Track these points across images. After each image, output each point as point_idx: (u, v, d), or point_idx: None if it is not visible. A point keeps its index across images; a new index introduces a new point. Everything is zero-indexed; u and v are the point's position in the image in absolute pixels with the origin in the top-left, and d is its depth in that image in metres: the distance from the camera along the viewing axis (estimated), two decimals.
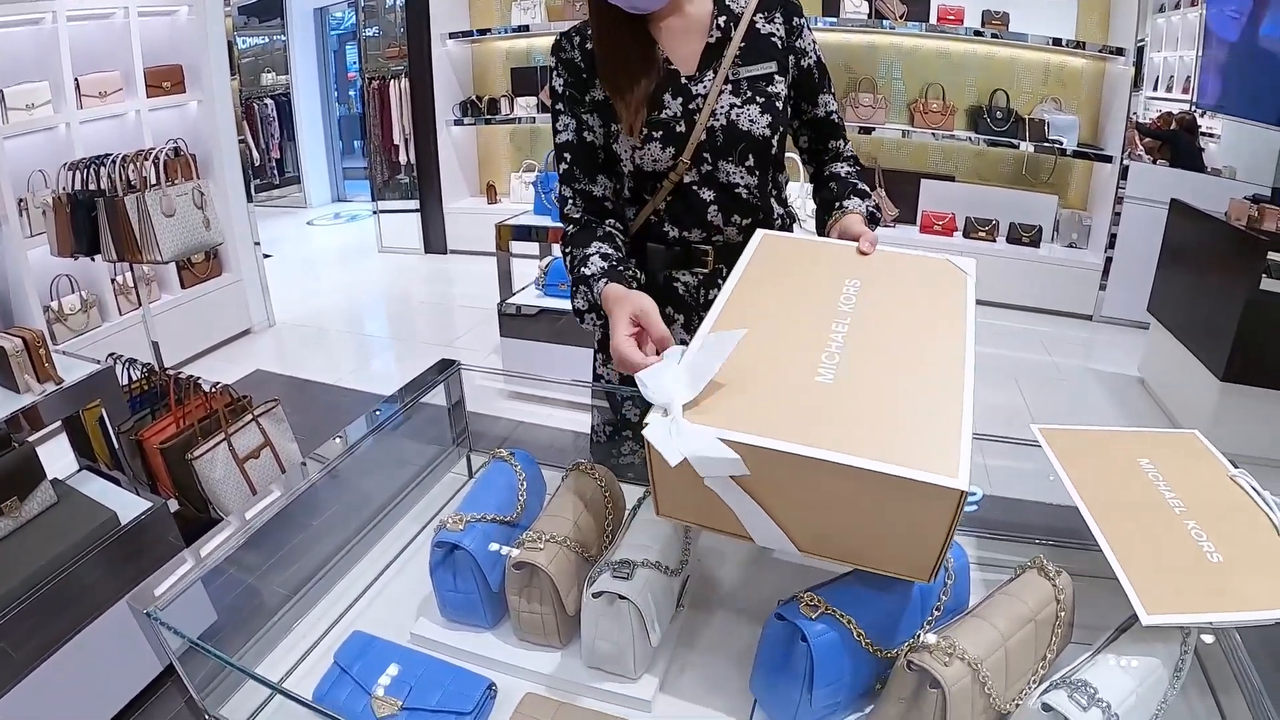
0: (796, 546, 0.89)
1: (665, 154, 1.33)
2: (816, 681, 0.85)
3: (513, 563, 0.99)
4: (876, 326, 1.01)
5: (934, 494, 0.77)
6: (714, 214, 1.37)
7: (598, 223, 1.38)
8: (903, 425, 0.85)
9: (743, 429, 0.82)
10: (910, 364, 0.95)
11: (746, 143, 1.33)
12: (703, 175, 1.35)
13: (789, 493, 0.84)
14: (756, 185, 1.38)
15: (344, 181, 8.59)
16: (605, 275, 1.23)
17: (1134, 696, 0.82)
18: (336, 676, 0.97)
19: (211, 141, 4.44)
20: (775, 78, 1.34)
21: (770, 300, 1.07)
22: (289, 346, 4.68)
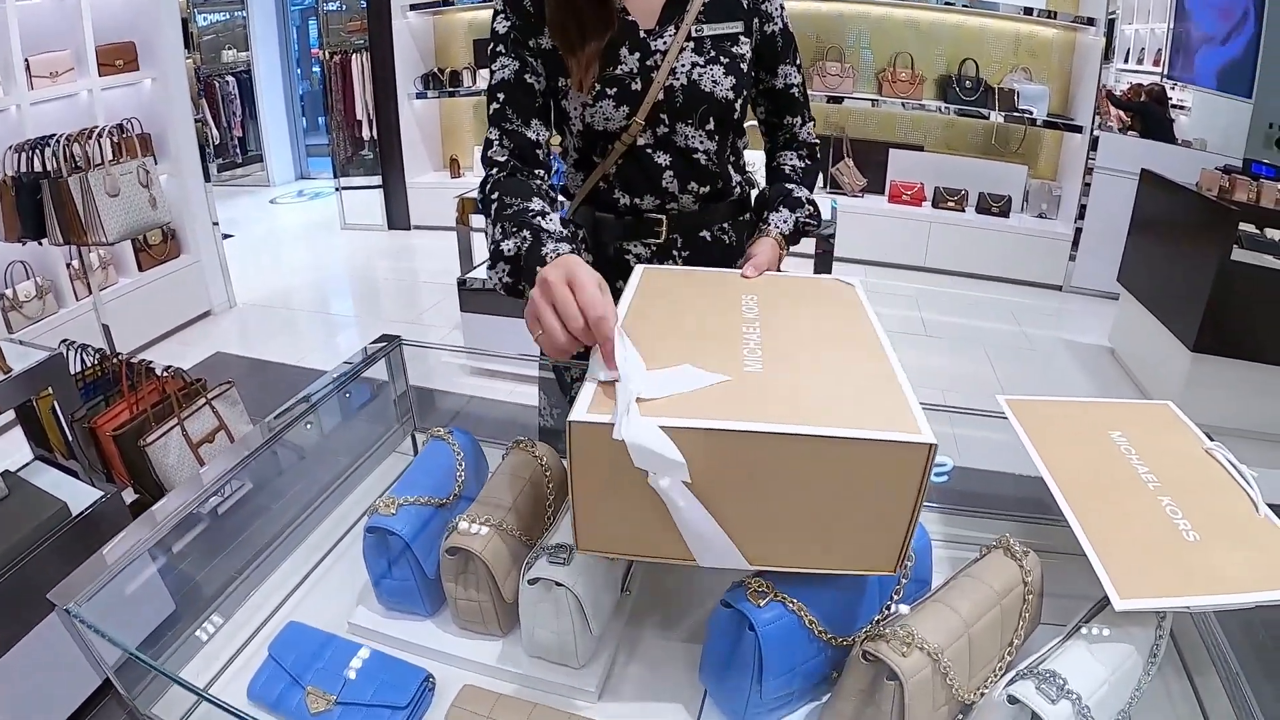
0: (746, 559, 0.80)
1: (619, 113, 1.22)
2: (766, 673, 0.79)
3: (446, 548, 0.93)
4: (787, 326, 0.96)
5: (901, 455, 0.72)
6: (669, 180, 1.27)
7: (527, 172, 1.24)
8: (849, 398, 0.79)
9: (690, 416, 0.74)
10: (833, 352, 0.90)
11: (708, 105, 1.24)
12: (658, 138, 1.25)
13: (740, 488, 0.76)
14: (715, 151, 1.28)
15: (307, 159, 8.43)
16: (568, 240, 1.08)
17: (1106, 686, 0.76)
18: (271, 670, 0.92)
19: (167, 120, 4.30)
20: (740, 39, 1.25)
21: (669, 319, 0.98)
22: (250, 328, 4.57)
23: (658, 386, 0.78)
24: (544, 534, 0.95)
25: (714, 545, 0.79)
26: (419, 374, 1.48)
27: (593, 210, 1.34)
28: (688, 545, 0.79)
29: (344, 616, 1.03)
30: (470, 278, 3.65)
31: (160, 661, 0.95)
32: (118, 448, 2.48)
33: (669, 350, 0.85)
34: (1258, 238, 3.29)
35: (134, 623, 0.96)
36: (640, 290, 1.05)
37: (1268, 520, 0.91)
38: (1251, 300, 3.16)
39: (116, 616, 0.92)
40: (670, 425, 0.72)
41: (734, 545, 0.78)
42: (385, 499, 0.99)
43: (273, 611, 1.08)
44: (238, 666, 0.99)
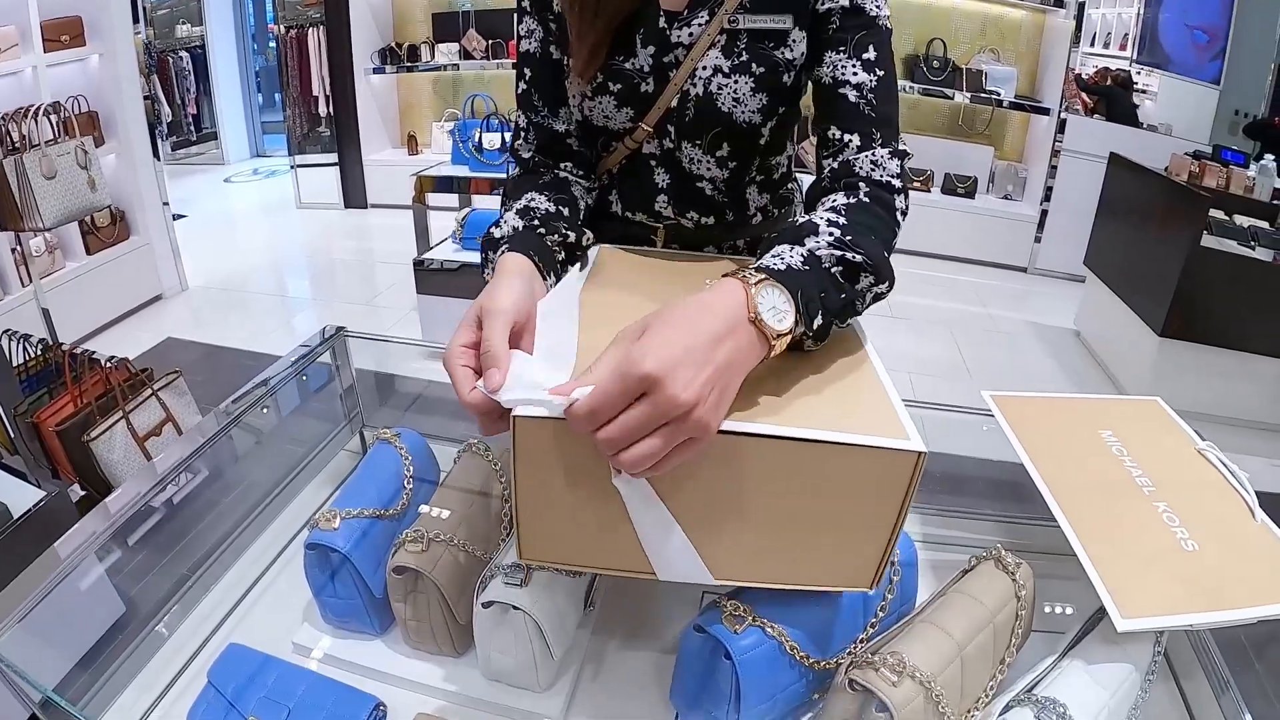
0: (710, 573, 0.72)
1: (620, 114, 0.99)
2: (744, 703, 0.73)
3: (393, 567, 0.85)
4: None
5: (888, 463, 0.65)
6: (663, 204, 1.05)
7: (549, 167, 1.05)
8: (829, 399, 0.72)
9: None
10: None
11: (722, 129, 0.97)
12: (663, 152, 1.01)
13: (708, 496, 0.69)
14: (726, 180, 1.03)
15: (263, 136, 8.21)
16: (509, 240, 0.91)
17: (1105, 711, 0.73)
18: (211, 698, 0.84)
19: (116, 97, 4.11)
20: (790, 37, 0.93)
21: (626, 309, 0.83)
22: (203, 312, 4.41)
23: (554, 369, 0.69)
24: (499, 549, 0.88)
25: (677, 558, 0.71)
26: (370, 360, 1.39)
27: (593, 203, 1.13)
28: (647, 556, 0.72)
29: (288, 635, 0.95)
30: (428, 258, 3.52)
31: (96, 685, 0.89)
32: (61, 443, 2.39)
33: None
34: (1227, 224, 3.30)
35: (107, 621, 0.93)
36: (594, 277, 0.93)
37: (1265, 527, 0.88)
38: (1220, 286, 3.16)
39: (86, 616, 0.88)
40: None
41: (699, 558, 0.71)
42: (326, 512, 0.91)
43: (213, 630, 1.00)
44: (178, 690, 0.91)
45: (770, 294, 0.68)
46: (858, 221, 0.81)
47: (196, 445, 1.07)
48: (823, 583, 0.74)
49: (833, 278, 0.76)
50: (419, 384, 1.46)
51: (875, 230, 0.82)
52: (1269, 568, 0.83)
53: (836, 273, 0.76)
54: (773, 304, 0.68)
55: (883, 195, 0.86)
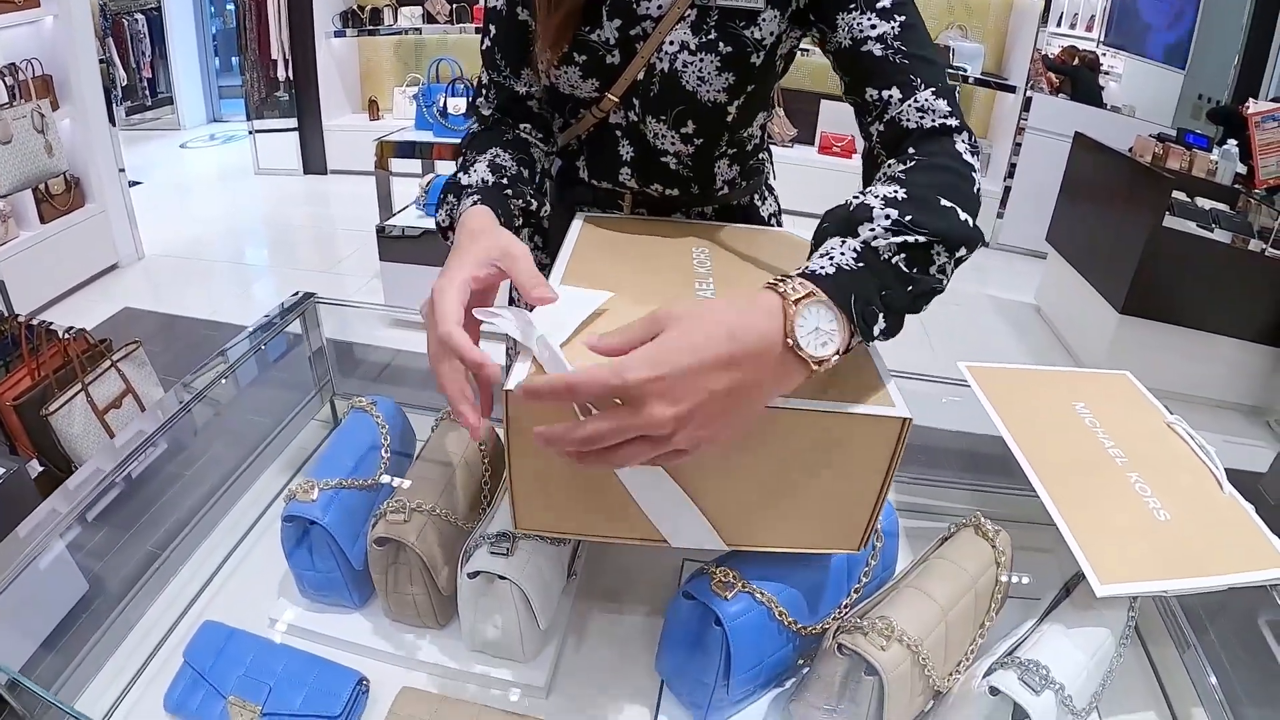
0: (721, 539, 0.73)
1: (586, 84, 0.96)
2: (734, 669, 0.73)
3: (374, 538, 0.84)
4: (742, 283, 0.85)
5: (875, 429, 0.66)
6: (627, 176, 1.03)
7: (509, 125, 1.03)
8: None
9: None
10: None
11: (686, 107, 0.94)
12: (629, 124, 0.99)
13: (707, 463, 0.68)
14: (693, 156, 1.00)
15: (220, 101, 7.99)
16: (480, 191, 0.88)
17: (1085, 672, 0.75)
18: (189, 678, 0.82)
19: (70, 61, 3.95)
20: (760, 16, 0.89)
21: (613, 272, 0.86)
22: (160, 281, 4.30)
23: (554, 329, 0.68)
24: (482, 518, 0.87)
25: (686, 525, 0.72)
26: (337, 329, 1.36)
27: (560, 165, 1.12)
28: (654, 524, 0.72)
29: (263, 610, 0.93)
30: (390, 225, 3.47)
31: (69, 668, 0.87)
32: (19, 418, 2.33)
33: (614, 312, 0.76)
34: (1188, 205, 3.36)
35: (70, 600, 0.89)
36: (579, 245, 0.93)
37: (1233, 499, 0.90)
38: (1180, 266, 3.21)
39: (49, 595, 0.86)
40: None
41: (707, 523, 0.72)
42: (303, 483, 0.89)
43: (186, 607, 0.97)
44: (153, 672, 0.89)
45: (814, 313, 0.61)
46: (919, 188, 0.71)
47: (160, 421, 1.04)
48: (816, 546, 0.75)
49: (895, 270, 0.67)
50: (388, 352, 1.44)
51: (944, 190, 0.72)
52: (1238, 537, 0.85)
53: (900, 262, 0.67)
54: (815, 325, 0.61)
55: (943, 143, 0.78)
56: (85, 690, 0.86)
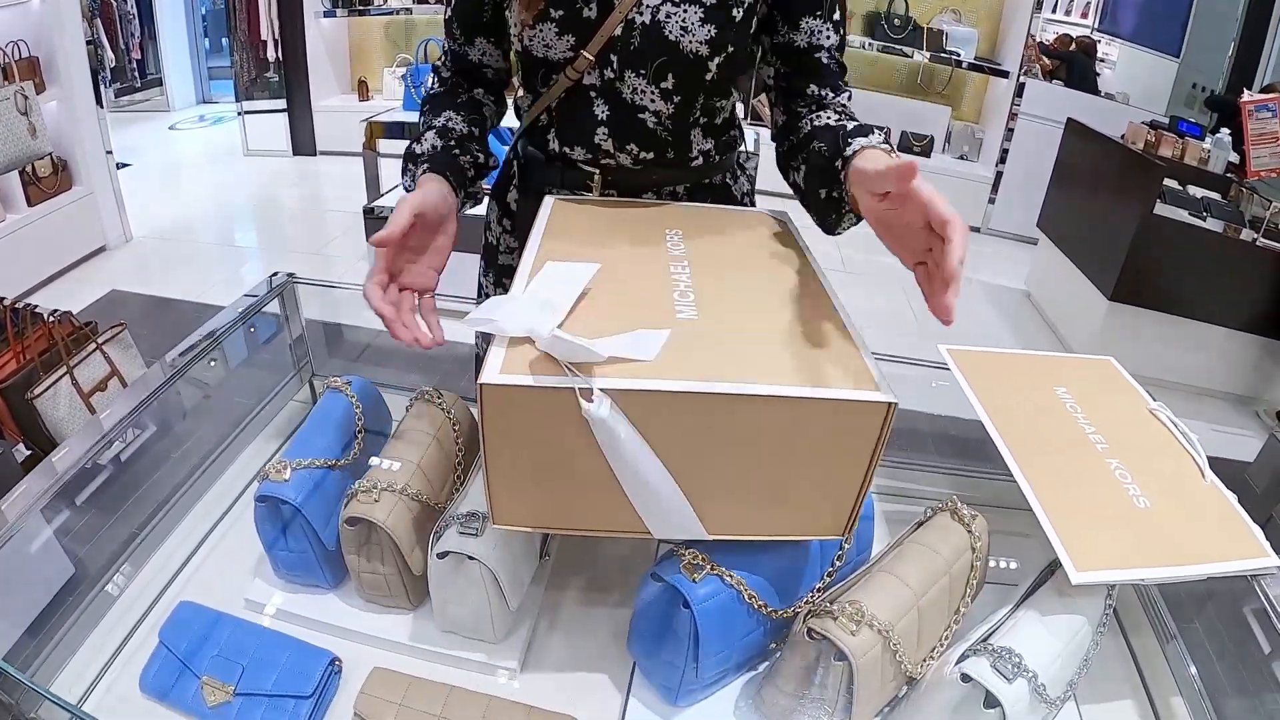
0: (704, 528, 0.72)
1: (561, 42, 0.96)
2: (703, 651, 0.73)
3: (345, 518, 0.83)
4: (717, 264, 0.85)
5: (859, 415, 0.65)
6: (602, 136, 1.02)
7: (465, 88, 1.09)
8: (797, 351, 0.70)
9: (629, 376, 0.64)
10: (770, 294, 0.80)
11: (669, 58, 0.95)
12: (604, 82, 0.99)
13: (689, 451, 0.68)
14: (671, 115, 1.01)
15: (210, 81, 7.91)
16: (430, 159, 0.96)
17: (1059, 660, 0.74)
18: (163, 659, 0.83)
19: (57, 42, 3.89)
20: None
21: (585, 254, 0.83)
22: (149, 263, 4.27)
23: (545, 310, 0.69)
24: (453, 498, 0.86)
25: (670, 514, 0.70)
26: (322, 310, 1.35)
27: (526, 146, 1.12)
28: (640, 514, 0.71)
29: (239, 591, 0.93)
30: (379, 206, 3.43)
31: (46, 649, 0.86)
32: (5, 401, 2.30)
33: (596, 299, 0.75)
34: (1180, 193, 3.35)
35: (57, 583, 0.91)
36: (550, 227, 0.92)
37: (1214, 487, 0.89)
38: (1170, 254, 3.21)
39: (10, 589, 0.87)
40: (610, 387, 0.63)
41: (692, 512, 0.71)
42: (276, 463, 0.88)
43: (163, 588, 0.97)
44: (129, 652, 0.89)
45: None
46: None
47: (141, 398, 1.03)
48: (800, 533, 0.74)
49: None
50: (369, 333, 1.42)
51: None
52: (1218, 526, 0.85)
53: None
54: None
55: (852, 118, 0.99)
56: (62, 670, 0.86)
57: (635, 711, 0.80)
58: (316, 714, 0.79)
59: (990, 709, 0.71)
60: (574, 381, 0.62)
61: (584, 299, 0.74)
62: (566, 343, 0.63)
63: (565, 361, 0.63)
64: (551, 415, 0.64)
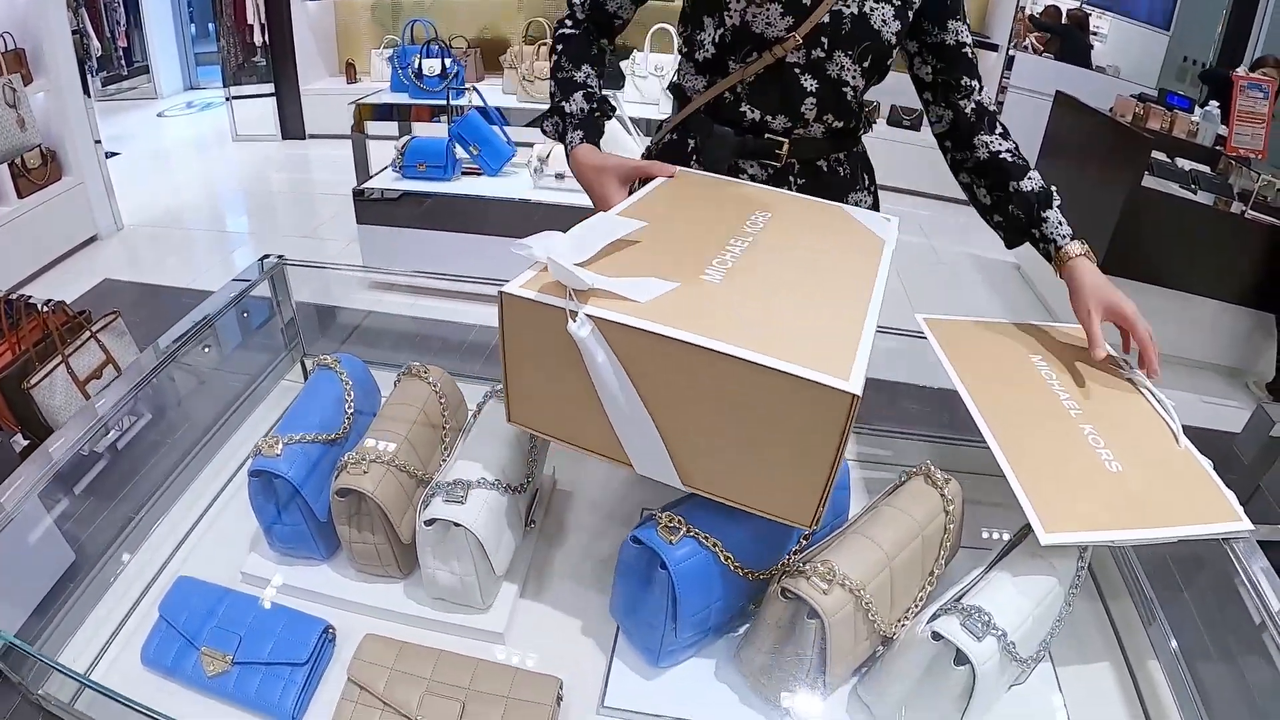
0: (679, 476, 0.75)
1: (782, 22, 1.08)
2: (681, 611, 0.75)
3: (336, 489, 0.86)
4: (780, 247, 0.88)
5: (821, 399, 0.65)
6: (809, 107, 1.14)
7: (595, 36, 1.24)
8: (793, 327, 0.72)
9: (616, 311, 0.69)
10: (812, 282, 0.82)
11: (871, 43, 1.11)
12: (811, 60, 1.11)
13: (668, 396, 0.71)
14: (860, 90, 1.17)
15: (197, 68, 7.86)
16: (582, 125, 1.16)
17: (1030, 620, 0.75)
18: (163, 632, 0.85)
19: (42, 33, 3.86)
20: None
21: (672, 213, 0.94)
22: (140, 251, 4.27)
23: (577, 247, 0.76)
24: (440, 468, 0.88)
25: (648, 452, 0.74)
26: (312, 292, 1.37)
27: (711, 122, 1.19)
28: (623, 446, 0.75)
29: (237, 565, 0.95)
30: (368, 188, 3.42)
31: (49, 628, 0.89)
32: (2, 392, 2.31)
33: (639, 250, 0.82)
34: (1168, 166, 3.35)
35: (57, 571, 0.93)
36: (659, 189, 1.03)
37: (1188, 453, 0.90)
38: (1158, 227, 3.20)
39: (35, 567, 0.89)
40: (592, 313, 0.69)
41: (668, 455, 0.74)
42: (268, 438, 0.90)
43: (163, 565, 1.00)
44: (131, 628, 0.91)
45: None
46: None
47: (134, 382, 1.05)
48: (768, 508, 0.74)
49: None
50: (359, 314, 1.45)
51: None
52: (1189, 490, 0.85)
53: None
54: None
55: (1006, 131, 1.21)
56: (66, 645, 0.89)
57: (619, 673, 0.83)
58: (312, 680, 0.82)
59: (960, 666, 0.72)
60: (566, 303, 0.69)
61: (628, 248, 0.81)
62: (562, 268, 0.70)
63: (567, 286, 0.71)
64: (552, 329, 0.70)
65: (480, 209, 3.20)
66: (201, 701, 0.82)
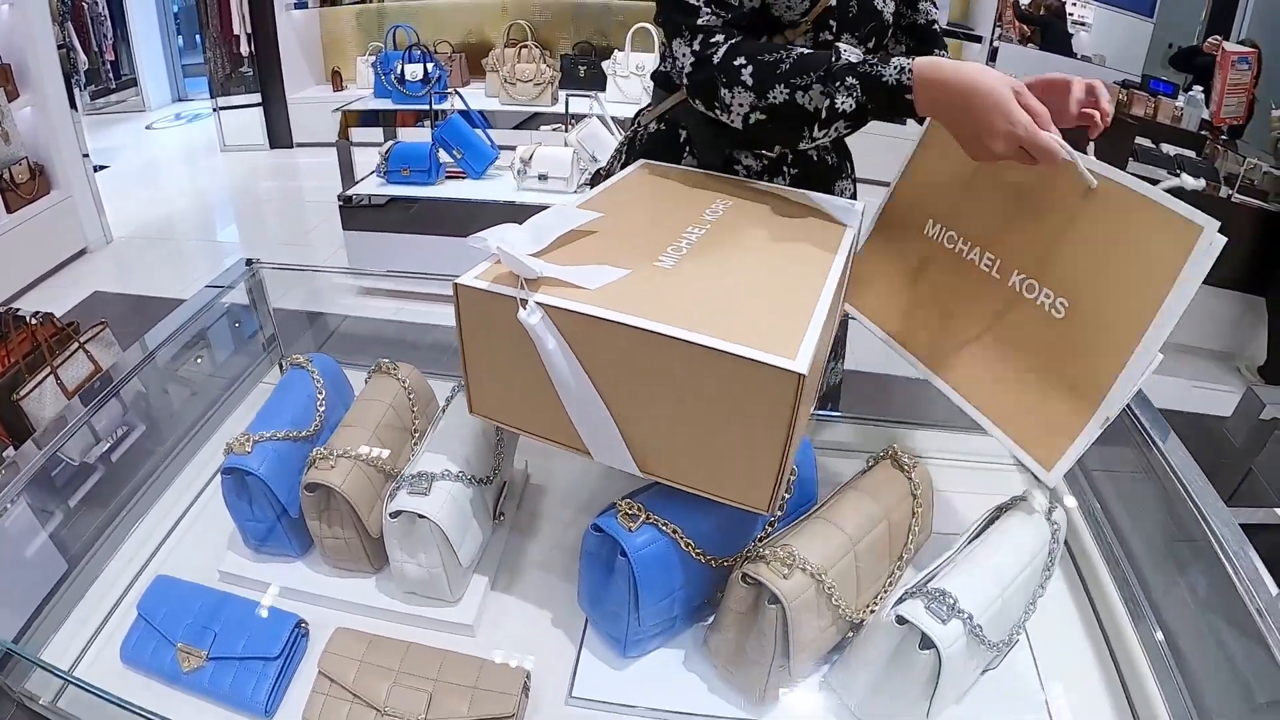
0: (635, 462, 0.75)
1: (801, 5, 1.06)
2: (643, 599, 0.75)
3: (305, 484, 0.86)
4: (737, 234, 0.88)
5: (768, 379, 0.64)
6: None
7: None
8: (742, 310, 0.72)
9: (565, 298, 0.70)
10: (766, 266, 0.81)
11: (875, 23, 1.13)
12: (818, 43, 1.10)
13: (621, 383, 0.71)
14: None
15: (185, 79, 7.85)
16: (875, 61, 0.96)
17: (999, 602, 0.74)
18: (142, 630, 0.86)
19: (27, 47, 3.86)
20: None
21: (631, 204, 0.94)
22: (129, 262, 4.27)
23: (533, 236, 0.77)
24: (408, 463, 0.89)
25: (604, 440, 0.75)
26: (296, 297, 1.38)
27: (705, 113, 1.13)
28: (580, 434, 0.76)
29: (214, 563, 0.96)
30: (354, 194, 3.42)
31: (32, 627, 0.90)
32: None
33: (595, 240, 0.82)
34: (1154, 152, 3.35)
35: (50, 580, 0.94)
36: (625, 179, 1.03)
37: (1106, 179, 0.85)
38: None
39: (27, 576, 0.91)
40: (542, 301, 0.69)
41: (623, 442, 0.74)
42: (240, 437, 0.91)
43: (144, 565, 1.01)
44: (113, 626, 0.92)
45: None
46: None
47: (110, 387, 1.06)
48: (725, 493, 0.74)
49: None
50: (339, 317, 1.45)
51: None
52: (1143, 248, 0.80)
53: None
54: None
55: None
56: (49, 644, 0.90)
57: (587, 663, 0.83)
58: (285, 674, 0.83)
59: (925, 650, 0.71)
60: (517, 291, 0.70)
61: (584, 238, 0.81)
62: (512, 257, 0.71)
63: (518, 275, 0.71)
64: (506, 319, 0.71)
65: (465, 212, 3.21)
66: (179, 697, 0.83)
